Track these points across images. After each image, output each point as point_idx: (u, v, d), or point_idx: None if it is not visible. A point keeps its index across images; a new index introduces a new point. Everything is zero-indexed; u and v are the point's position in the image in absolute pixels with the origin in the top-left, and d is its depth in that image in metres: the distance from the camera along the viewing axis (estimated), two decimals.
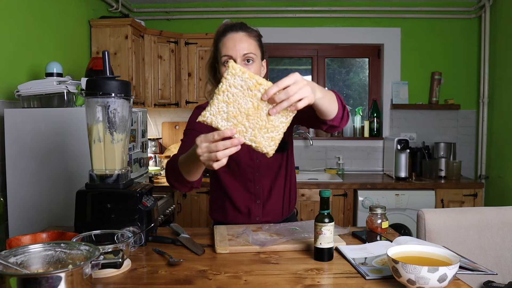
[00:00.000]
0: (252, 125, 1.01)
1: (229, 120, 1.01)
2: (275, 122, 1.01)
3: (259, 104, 1.00)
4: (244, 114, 1.00)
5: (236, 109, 1.00)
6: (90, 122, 1.34)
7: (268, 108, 1.00)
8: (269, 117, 1.01)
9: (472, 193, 3.31)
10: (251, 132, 1.01)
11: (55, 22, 2.59)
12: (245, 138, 1.02)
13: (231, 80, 1.00)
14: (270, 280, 1.07)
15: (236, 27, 1.46)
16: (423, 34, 3.80)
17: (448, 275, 0.93)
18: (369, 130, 3.85)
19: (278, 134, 1.03)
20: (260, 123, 1.01)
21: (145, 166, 2.59)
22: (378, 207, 1.47)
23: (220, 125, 1.02)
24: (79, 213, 1.33)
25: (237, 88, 1.00)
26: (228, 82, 1.00)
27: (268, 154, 1.03)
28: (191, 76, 3.55)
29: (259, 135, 1.02)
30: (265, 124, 1.01)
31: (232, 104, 1.00)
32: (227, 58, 1.43)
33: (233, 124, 1.01)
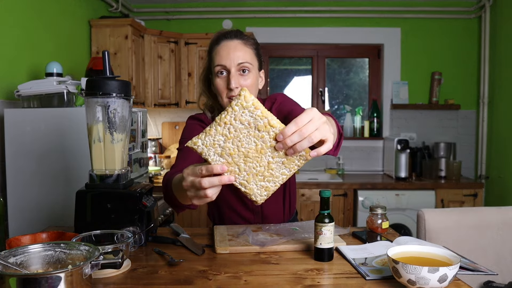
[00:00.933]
0: (248, 168, 0.90)
1: (223, 157, 0.89)
2: (275, 172, 0.90)
3: (263, 147, 0.88)
4: (242, 155, 0.89)
5: (235, 146, 0.88)
6: (90, 122, 1.34)
7: (272, 154, 0.89)
8: (269, 164, 0.89)
9: (472, 193, 3.31)
10: (244, 175, 0.91)
11: (55, 22, 2.59)
12: (236, 180, 0.91)
13: (239, 113, 0.86)
14: (270, 280, 1.06)
15: (230, 34, 1.36)
16: (423, 34, 3.80)
17: (449, 275, 0.93)
18: (369, 130, 3.86)
19: (274, 185, 0.92)
20: (258, 168, 0.90)
21: (145, 166, 2.59)
22: (378, 207, 1.47)
23: (211, 159, 0.90)
24: (79, 213, 1.33)
25: (243, 124, 0.87)
26: (234, 115, 0.87)
27: (257, 202, 0.94)
28: (191, 76, 3.55)
29: (253, 181, 0.91)
30: (264, 171, 0.90)
31: (232, 140, 0.88)
32: (221, 68, 1.33)
33: (226, 162, 0.89)
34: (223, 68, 1.34)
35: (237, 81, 1.32)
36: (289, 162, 0.90)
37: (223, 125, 0.88)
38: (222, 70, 1.34)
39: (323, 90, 3.98)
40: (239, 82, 1.32)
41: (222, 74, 1.34)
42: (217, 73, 1.35)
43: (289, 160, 0.90)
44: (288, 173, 0.91)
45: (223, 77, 1.34)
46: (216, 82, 1.36)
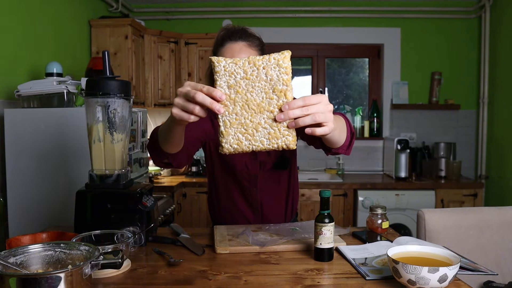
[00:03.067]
0: (240, 114, 0.90)
1: (230, 89, 0.90)
2: (257, 136, 0.90)
3: (265, 108, 0.90)
4: (245, 100, 0.90)
5: (245, 88, 0.90)
6: (90, 122, 1.34)
7: (266, 120, 0.90)
8: (258, 125, 0.89)
9: (472, 193, 3.31)
10: (232, 117, 0.90)
11: (55, 22, 2.59)
12: (222, 115, 0.90)
13: (271, 65, 0.89)
14: (270, 281, 1.06)
15: (235, 35, 1.35)
16: (423, 34, 3.80)
17: (449, 275, 0.93)
18: (369, 130, 3.86)
19: (247, 146, 0.91)
20: (247, 121, 0.90)
21: (145, 166, 2.59)
22: (378, 207, 1.47)
23: (219, 83, 0.91)
24: (79, 213, 1.33)
25: (266, 76, 0.89)
26: (267, 64, 0.89)
27: (222, 148, 0.92)
28: (191, 76, 3.55)
29: (234, 128, 0.91)
30: (249, 127, 0.90)
31: (247, 82, 0.89)
32: None
33: (229, 96, 0.90)
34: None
35: None
36: (273, 136, 0.90)
37: (252, 64, 0.89)
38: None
39: (323, 90, 3.98)
40: None
41: None
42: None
43: (275, 134, 0.90)
44: (265, 145, 0.91)
45: None
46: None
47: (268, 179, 1.57)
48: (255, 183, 1.56)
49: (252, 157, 1.54)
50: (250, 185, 1.56)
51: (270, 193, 1.59)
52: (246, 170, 1.54)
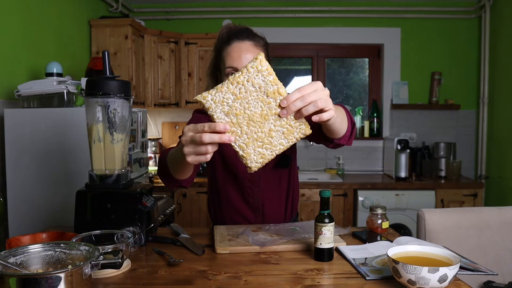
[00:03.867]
0: (250, 132, 0.92)
1: (228, 116, 0.91)
2: (274, 141, 0.93)
3: (268, 114, 0.91)
4: (247, 117, 0.91)
5: (242, 107, 0.90)
6: (90, 122, 1.34)
7: (275, 123, 0.91)
8: (270, 131, 0.92)
9: (472, 193, 3.31)
10: (245, 138, 0.92)
11: (55, 22, 2.59)
12: (236, 142, 0.92)
13: (253, 75, 0.90)
14: (270, 281, 1.06)
15: (242, 35, 1.35)
16: (423, 34, 3.80)
17: (449, 275, 0.93)
18: (369, 130, 3.86)
19: (270, 154, 0.94)
20: (259, 134, 0.92)
21: (145, 166, 2.59)
22: (378, 207, 1.47)
23: (216, 116, 0.91)
24: (79, 213, 1.33)
25: (254, 87, 0.90)
26: (248, 76, 0.90)
27: (250, 169, 0.95)
28: (191, 76, 3.55)
29: (251, 146, 0.92)
30: (264, 138, 0.92)
31: (240, 101, 0.90)
32: (232, 70, 1.33)
33: (231, 121, 0.91)
34: (233, 70, 1.33)
35: None
36: (288, 133, 0.93)
37: (235, 84, 0.90)
38: (233, 72, 1.33)
39: None
40: None
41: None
42: (228, 74, 1.35)
43: (289, 131, 0.93)
44: (286, 144, 0.94)
45: None
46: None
47: (270, 178, 1.57)
48: (258, 183, 1.56)
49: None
50: (252, 185, 1.56)
51: (272, 192, 1.58)
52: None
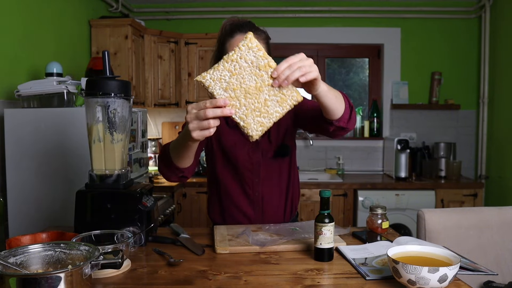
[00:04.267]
0: (248, 104, 1.01)
1: (227, 91, 1.00)
2: (270, 109, 1.02)
3: (262, 85, 1.01)
4: (244, 90, 1.00)
5: (238, 82, 1.00)
6: (90, 122, 1.34)
7: (269, 93, 1.02)
8: (266, 101, 1.01)
9: (472, 193, 3.31)
10: (244, 110, 1.01)
11: (55, 22, 2.59)
12: (236, 114, 1.01)
13: (244, 52, 0.99)
14: (270, 280, 1.06)
15: (244, 27, 1.40)
16: (423, 34, 3.80)
17: (449, 275, 0.93)
18: (369, 130, 3.85)
19: (268, 122, 1.03)
20: (256, 104, 1.01)
21: (145, 166, 2.59)
22: (378, 207, 1.47)
23: (216, 93, 1.01)
24: (79, 213, 1.33)
25: (247, 63, 1.00)
26: (240, 53, 0.99)
27: (252, 137, 1.04)
28: (191, 76, 3.55)
29: (250, 116, 1.02)
30: (261, 107, 1.01)
31: (236, 76, 1.00)
32: None
33: (230, 96, 1.00)
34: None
35: None
36: (282, 101, 1.02)
37: (230, 62, 1.00)
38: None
39: None
40: None
41: None
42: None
43: (282, 99, 1.02)
44: (281, 111, 1.03)
45: None
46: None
47: (269, 169, 1.57)
48: (258, 172, 1.56)
49: (254, 146, 1.55)
50: (252, 176, 1.56)
51: (271, 184, 1.59)
52: (248, 159, 1.55)
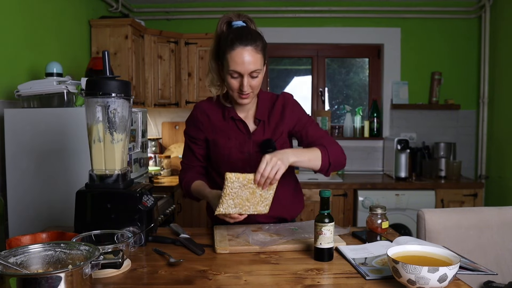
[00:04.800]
0: (252, 203, 1.37)
1: (236, 206, 1.35)
2: (265, 195, 1.38)
3: (254, 190, 1.35)
4: (245, 200, 1.35)
5: (239, 199, 1.35)
6: (90, 122, 1.34)
7: (259, 190, 1.35)
8: (261, 195, 1.36)
9: (472, 193, 3.31)
10: (252, 207, 1.37)
11: (55, 22, 2.59)
12: (249, 211, 1.37)
13: (231, 186, 1.32)
14: (270, 280, 1.07)
15: (246, 40, 1.43)
16: (423, 34, 3.80)
17: (448, 275, 0.93)
18: (369, 130, 3.85)
19: (269, 199, 1.39)
20: (256, 200, 1.37)
21: (145, 166, 2.59)
22: (378, 207, 1.47)
23: (232, 212, 1.36)
24: (79, 213, 1.33)
25: (236, 188, 1.33)
26: (229, 188, 1.32)
27: (266, 212, 1.40)
28: (191, 76, 3.55)
29: (258, 206, 1.39)
30: (259, 199, 1.37)
31: (236, 198, 1.34)
32: (234, 72, 1.45)
33: (240, 206, 1.35)
34: (236, 73, 1.45)
35: (248, 85, 1.46)
36: (269, 187, 1.37)
37: (228, 195, 1.33)
38: (236, 74, 1.45)
39: (323, 90, 3.98)
40: (250, 84, 1.46)
41: (235, 77, 1.46)
42: (231, 74, 1.46)
43: (269, 187, 1.37)
44: (273, 192, 1.39)
45: (236, 79, 1.47)
46: (229, 81, 1.48)
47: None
48: (249, 163, 1.56)
49: (247, 138, 1.58)
50: (244, 166, 1.56)
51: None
52: (239, 149, 1.58)
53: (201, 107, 1.63)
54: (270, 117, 1.60)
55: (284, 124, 1.60)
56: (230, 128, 1.58)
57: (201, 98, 3.55)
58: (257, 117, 1.59)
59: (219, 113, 1.60)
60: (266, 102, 1.61)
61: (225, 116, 1.59)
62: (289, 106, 1.61)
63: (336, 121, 4.07)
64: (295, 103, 1.65)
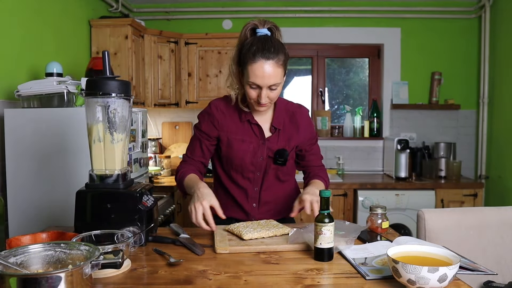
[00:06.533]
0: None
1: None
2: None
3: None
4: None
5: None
6: (90, 122, 1.34)
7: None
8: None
9: (472, 193, 3.31)
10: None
11: (55, 22, 2.59)
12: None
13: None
14: (270, 280, 1.07)
15: (267, 52, 1.42)
16: (423, 34, 3.80)
17: (448, 275, 0.93)
18: (369, 130, 3.85)
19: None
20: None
21: (145, 166, 2.59)
22: (378, 207, 1.47)
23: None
24: (79, 213, 1.33)
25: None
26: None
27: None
28: (191, 76, 3.55)
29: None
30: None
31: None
32: (254, 84, 1.46)
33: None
34: (256, 85, 1.46)
35: (266, 96, 1.48)
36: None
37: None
38: (255, 86, 1.46)
39: (323, 90, 3.98)
40: (268, 95, 1.48)
41: (254, 88, 1.47)
42: (250, 85, 1.47)
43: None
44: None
45: (255, 90, 1.48)
46: (248, 90, 1.49)
47: (272, 166, 1.63)
48: (260, 168, 1.62)
49: (261, 143, 1.60)
50: (255, 170, 1.62)
51: (272, 182, 1.66)
52: (253, 154, 1.60)
53: (219, 105, 1.63)
54: (286, 127, 1.63)
55: (298, 138, 1.64)
56: (245, 130, 1.60)
57: (201, 98, 3.56)
58: (274, 124, 1.61)
59: (236, 114, 1.61)
60: (283, 111, 1.64)
61: (241, 118, 1.60)
62: (305, 121, 1.66)
63: (336, 121, 4.07)
64: (310, 120, 1.70)
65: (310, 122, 1.70)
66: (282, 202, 1.65)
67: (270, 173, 1.63)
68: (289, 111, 1.65)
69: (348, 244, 1.28)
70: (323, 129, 3.82)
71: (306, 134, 1.66)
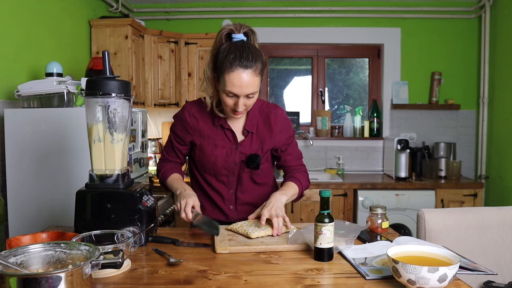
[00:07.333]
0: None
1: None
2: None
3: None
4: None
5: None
6: (90, 122, 1.34)
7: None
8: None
9: (472, 193, 3.31)
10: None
11: (55, 22, 2.59)
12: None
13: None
14: (270, 280, 1.07)
15: (244, 60, 1.39)
16: (423, 34, 3.80)
17: (448, 275, 0.93)
18: (369, 130, 3.85)
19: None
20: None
21: (145, 166, 2.59)
22: (378, 207, 1.47)
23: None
24: (79, 213, 1.33)
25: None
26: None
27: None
28: (191, 76, 3.55)
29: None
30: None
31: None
32: (230, 93, 1.43)
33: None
34: (232, 93, 1.43)
35: (243, 104, 1.46)
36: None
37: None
38: (232, 94, 1.44)
39: (323, 90, 3.98)
40: (245, 103, 1.46)
41: (231, 96, 1.45)
42: (227, 93, 1.44)
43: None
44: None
45: (232, 98, 1.45)
46: (224, 98, 1.46)
47: (246, 170, 1.64)
48: (233, 171, 1.62)
49: (233, 148, 1.60)
50: (228, 173, 1.62)
51: (247, 184, 1.67)
52: (225, 157, 1.60)
53: (191, 110, 1.61)
54: (259, 130, 1.61)
55: (272, 141, 1.62)
56: (218, 135, 1.59)
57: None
58: (247, 128, 1.59)
59: (209, 118, 1.60)
60: (257, 112, 1.62)
61: (214, 123, 1.59)
62: (279, 124, 1.62)
63: (336, 121, 4.07)
64: (285, 121, 1.65)
65: (285, 124, 1.65)
66: (260, 203, 1.61)
67: (245, 176, 1.63)
68: (264, 112, 1.62)
69: (348, 244, 1.28)
70: (323, 129, 3.82)
71: (280, 137, 1.63)
